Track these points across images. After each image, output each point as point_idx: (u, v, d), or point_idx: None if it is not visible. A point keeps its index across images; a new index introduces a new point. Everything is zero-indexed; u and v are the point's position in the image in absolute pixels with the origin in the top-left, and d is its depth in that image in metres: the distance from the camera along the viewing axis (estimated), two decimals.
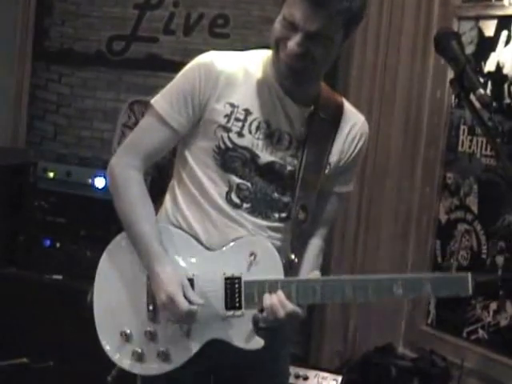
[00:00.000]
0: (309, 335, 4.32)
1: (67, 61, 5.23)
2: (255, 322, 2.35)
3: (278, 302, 2.27)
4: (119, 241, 2.47)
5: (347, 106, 2.51)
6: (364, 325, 4.24)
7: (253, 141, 2.36)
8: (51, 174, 4.72)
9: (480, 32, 3.91)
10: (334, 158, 2.45)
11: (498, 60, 3.80)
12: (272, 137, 2.38)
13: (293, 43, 2.23)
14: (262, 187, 2.40)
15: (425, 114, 4.14)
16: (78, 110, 5.21)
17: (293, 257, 2.40)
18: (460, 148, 3.97)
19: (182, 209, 2.43)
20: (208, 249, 2.39)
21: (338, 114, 2.47)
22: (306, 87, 2.40)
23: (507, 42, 3.76)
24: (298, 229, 2.42)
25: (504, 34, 3.77)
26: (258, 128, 2.36)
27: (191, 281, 2.35)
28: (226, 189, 2.38)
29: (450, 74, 2.11)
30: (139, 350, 2.39)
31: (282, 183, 2.41)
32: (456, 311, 3.90)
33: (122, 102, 5.08)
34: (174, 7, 5.03)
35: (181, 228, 2.43)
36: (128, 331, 2.40)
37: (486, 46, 3.87)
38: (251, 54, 2.46)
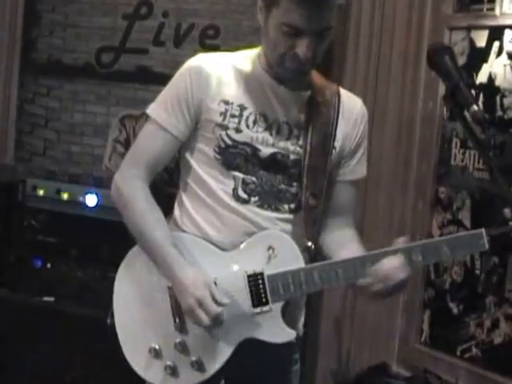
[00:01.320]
0: (302, 354, 4.28)
1: (55, 73, 5.21)
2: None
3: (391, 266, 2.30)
4: (132, 255, 2.44)
5: (343, 90, 2.53)
6: (358, 343, 4.22)
7: (251, 135, 2.37)
8: (41, 192, 4.70)
9: (472, 42, 3.89)
10: (338, 142, 2.46)
11: (489, 71, 3.78)
12: (271, 129, 2.39)
13: (304, 49, 2.25)
14: (267, 180, 2.40)
15: (417, 127, 4.11)
16: (67, 124, 5.20)
17: (309, 244, 2.41)
18: (452, 161, 3.95)
19: (191, 213, 2.43)
20: (223, 250, 2.38)
21: (335, 98, 2.48)
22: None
23: (499, 53, 3.73)
24: (311, 216, 2.42)
25: (496, 44, 3.75)
26: (254, 122, 2.38)
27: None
28: (232, 186, 2.39)
29: (442, 86, 2.10)
30: (171, 364, 2.36)
31: (287, 173, 2.41)
32: (450, 329, 3.89)
33: (113, 116, 5.06)
34: (163, 17, 5.02)
35: (192, 233, 2.42)
36: (157, 347, 2.37)
37: (478, 56, 3.85)
38: (237, 53, 2.49)
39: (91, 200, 4.60)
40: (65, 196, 4.66)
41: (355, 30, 4.24)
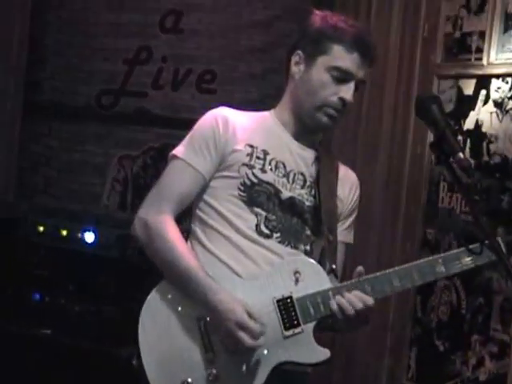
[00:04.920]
0: None
1: (57, 114, 5.32)
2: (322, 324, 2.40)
3: (353, 296, 2.36)
4: (154, 298, 2.45)
5: (339, 161, 2.69)
6: (346, 379, 4.24)
7: (274, 177, 2.49)
8: (41, 228, 4.76)
9: (459, 90, 3.97)
10: (339, 202, 2.59)
11: (477, 118, 3.85)
12: (288, 176, 2.51)
13: (350, 93, 2.46)
14: (286, 220, 2.49)
15: (406, 171, 4.18)
16: (67, 163, 5.29)
17: (334, 266, 2.50)
18: (440, 204, 4.01)
19: (213, 252, 2.47)
20: (248, 279, 2.43)
21: (335, 163, 2.65)
22: (318, 135, 2.61)
23: (486, 101, 3.81)
24: (331, 247, 2.53)
25: (482, 93, 3.83)
26: (276, 167, 2.50)
27: None
28: (255, 221, 2.46)
29: (430, 132, 2.19)
30: None
31: (302, 218, 2.51)
32: (436, 366, 3.91)
33: (111, 155, 5.15)
34: (162, 62, 5.15)
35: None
36: (189, 380, 2.36)
37: (466, 104, 3.92)
38: (250, 112, 2.62)
39: (89, 237, 4.67)
40: (64, 233, 4.73)
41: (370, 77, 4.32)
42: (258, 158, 2.49)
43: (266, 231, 2.47)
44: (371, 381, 4.19)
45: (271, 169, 2.49)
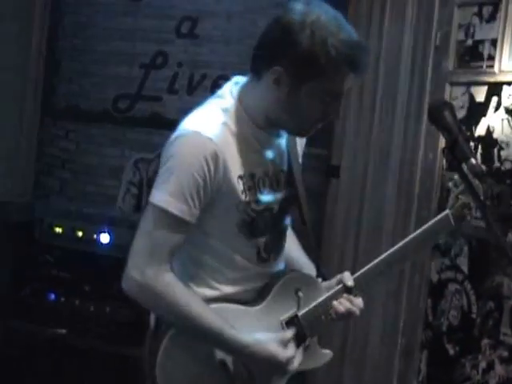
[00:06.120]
0: None
1: (74, 118, 5.38)
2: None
3: (349, 304, 2.44)
4: (167, 352, 2.37)
5: None
6: (356, 382, 4.26)
7: (266, 199, 2.41)
8: (57, 230, 4.83)
9: (471, 97, 3.98)
10: (300, 154, 2.58)
11: (488, 125, 3.87)
12: (273, 184, 2.44)
13: (339, 110, 2.40)
14: (278, 230, 2.49)
15: (417, 177, 4.20)
16: (83, 165, 5.34)
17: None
18: None
19: (218, 288, 2.43)
20: (251, 304, 2.45)
21: None
22: None
23: (497, 108, 3.83)
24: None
25: (494, 99, 3.85)
26: (264, 184, 2.41)
27: None
28: (256, 251, 2.44)
29: (442, 138, 2.21)
30: None
31: (288, 211, 2.52)
32: (446, 369, 3.93)
33: (127, 158, 5.21)
34: (178, 67, 5.20)
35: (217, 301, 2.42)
36: None
37: (477, 110, 3.94)
38: (217, 110, 2.42)
39: (105, 238, 4.74)
40: (79, 234, 4.80)
41: (360, 84, 4.35)
42: (249, 189, 2.36)
43: (265, 256, 2.47)
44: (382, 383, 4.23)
45: (261, 192, 2.39)
